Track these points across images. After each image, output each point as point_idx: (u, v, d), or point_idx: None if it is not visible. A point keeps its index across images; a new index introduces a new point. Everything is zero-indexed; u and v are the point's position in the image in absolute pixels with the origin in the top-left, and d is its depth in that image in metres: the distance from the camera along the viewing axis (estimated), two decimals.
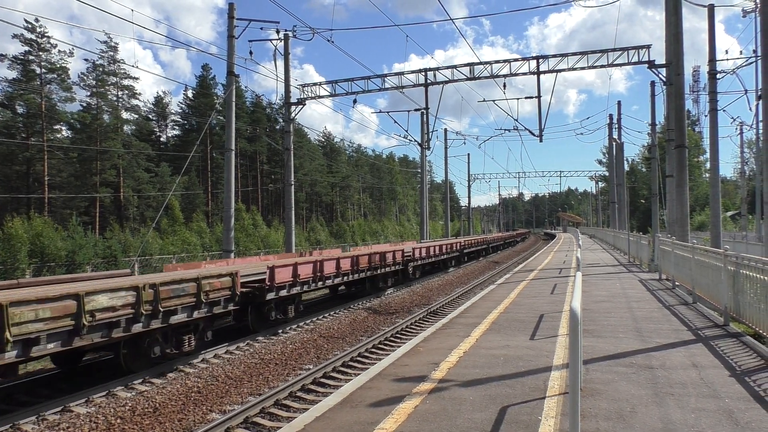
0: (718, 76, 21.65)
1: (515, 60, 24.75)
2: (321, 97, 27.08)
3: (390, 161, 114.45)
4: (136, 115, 61.31)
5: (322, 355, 12.60)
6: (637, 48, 22.71)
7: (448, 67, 25.73)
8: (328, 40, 24.17)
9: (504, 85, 25.41)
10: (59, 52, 48.26)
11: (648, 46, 22.37)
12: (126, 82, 56.56)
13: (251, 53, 23.51)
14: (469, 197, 79.79)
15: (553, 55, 24.12)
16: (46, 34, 47.13)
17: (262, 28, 23.40)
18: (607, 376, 6.79)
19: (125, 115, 58.23)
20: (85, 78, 53.40)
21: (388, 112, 61.32)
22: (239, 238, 46.94)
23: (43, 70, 48.08)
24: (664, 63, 20.75)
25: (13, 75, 47.76)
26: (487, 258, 47.12)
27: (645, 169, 70.29)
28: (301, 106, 26.53)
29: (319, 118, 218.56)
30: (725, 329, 9.40)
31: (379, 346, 13.36)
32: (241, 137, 61.91)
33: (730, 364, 7.18)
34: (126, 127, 58.65)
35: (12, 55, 47.45)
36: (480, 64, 25.04)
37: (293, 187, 25.63)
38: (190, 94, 67.42)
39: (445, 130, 62.95)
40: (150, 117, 67.57)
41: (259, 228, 55.52)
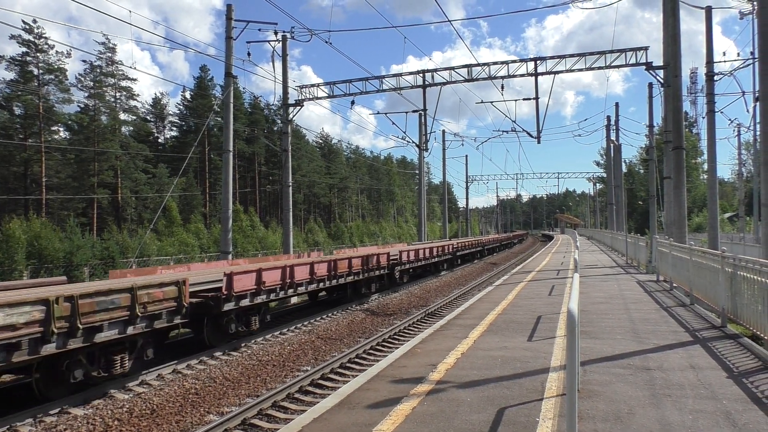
0: (716, 78, 21.70)
1: (513, 61, 24.75)
2: (319, 98, 27.06)
3: (388, 162, 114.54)
4: (134, 117, 61.28)
5: (320, 357, 12.60)
6: (634, 50, 22.72)
7: (446, 69, 25.74)
8: (326, 42, 24.21)
9: (502, 87, 25.39)
10: (57, 53, 48.26)
11: (646, 48, 22.39)
12: (124, 84, 56.60)
13: (249, 54, 23.53)
14: (467, 198, 79.71)
15: (551, 57, 24.12)
16: (43, 35, 47.10)
17: (260, 30, 23.34)
18: (605, 377, 6.79)
19: (123, 116, 58.20)
20: (82, 79, 53.40)
21: (386, 114, 60.53)
22: (237, 240, 46.92)
23: (41, 71, 48.01)
24: (662, 65, 20.77)
25: (10, 76, 47.72)
26: (483, 260, 45.75)
27: (643, 171, 70.40)
28: (298, 108, 26.51)
29: (317, 119, 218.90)
30: (723, 331, 9.41)
31: (377, 347, 13.36)
32: (239, 138, 61.90)
33: (727, 366, 7.19)
34: (124, 129, 58.60)
35: (9, 56, 47.43)
36: (478, 65, 25.05)
37: (291, 188, 25.62)
38: (188, 95, 67.43)
39: (443, 132, 62.96)
40: (148, 118, 67.55)
41: (256, 229, 55.50)
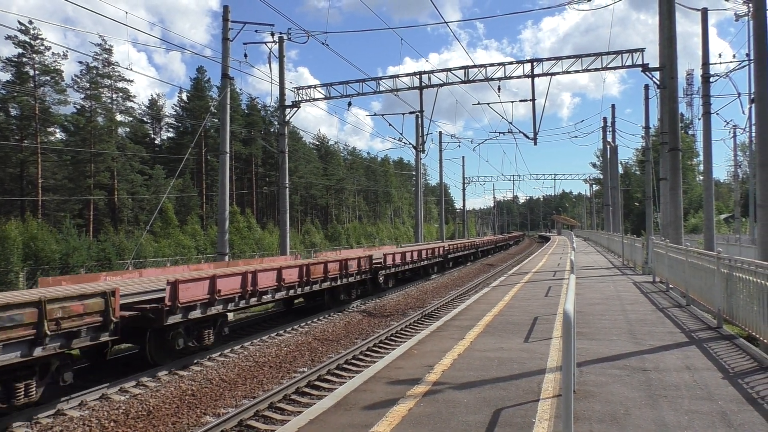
0: (712, 80, 21.81)
1: (510, 63, 24.77)
2: (316, 99, 27.06)
3: (385, 164, 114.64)
4: (131, 118, 61.20)
5: (317, 358, 12.59)
6: (631, 51, 22.78)
7: (442, 70, 25.78)
8: (323, 43, 24.17)
9: (498, 88, 25.47)
10: (53, 54, 48.19)
11: (642, 50, 22.44)
12: (120, 85, 56.55)
13: (246, 56, 23.40)
14: (464, 200, 79.81)
15: (548, 59, 24.18)
16: (39, 36, 47.02)
17: (256, 31, 23.29)
18: (601, 378, 6.80)
19: (119, 117, 58.13)
20: (79, 80, 53.33)
21: (383, 115, 60.82)
22: (234, 241, 46.94)
23: (37, 72, 47.93)
24: (658, 66, 20.82)
25: (6, 77, 47.72)
26: (477, 263, 44.00)
27: (639, 172, 70.55)
28: (295, 109, 26.51)
29: (313, 120, 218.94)
30: (718, 331, 9.44)
31: (374, 348, 13.36)
32: (236, 140, 61.91)
33: (723, 367, 7.21)
34: (120, 130, 58.52)
35: (5, 57, 47.36)
36: (474, 67, 25.09)
37: (288, 189, 25.60)
38: (184, 96, 67.38)
39: (440, 133, 62.97)
40: (144, 119, 67.46)
41: (253, 230, 55.50)
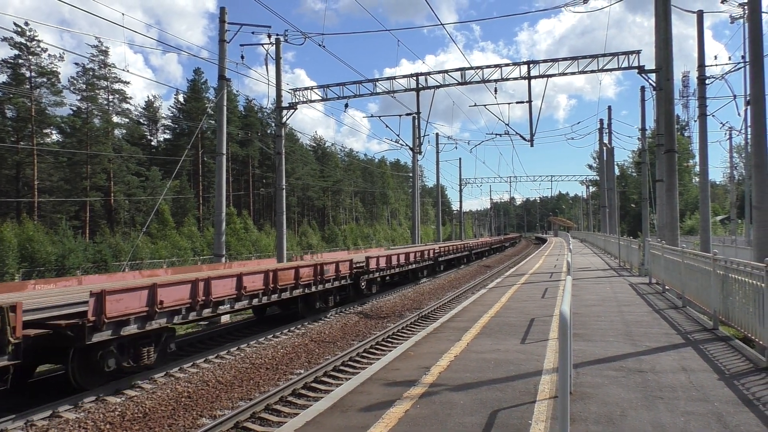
0: (707, 82, 21.88)
1: (506, 65, 24.80)
2: (312, 101, 27.06)
3: (382, 165, 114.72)
4: (127, 119, 61.16)
5: (314, 360, 12.58)
6: (627, 53, 22.83)
7: (439, 72, 25.79)
8: (320, 45, 24.19)
9: (495, 90, 25.48)
10: (49, 56, 48.14)
11: (638, 52, 22.50)
12: (116, 86, 56.56)
13: (243, 57, 23.53)
14: (461, 201, 79.96)
15: (544, 60, 24.22)
16: (36, 38, 46.96)
17: (253, 33, 23.30)
18: (598, 379, 6.81)
19: (116, 119, 58.10)
20: (75, 82, 53.27)
21: (379, 117, 60.48)
22: (230, 243, 46.92)
23: (33, 74, 47.90)
24: (654, 68, 20.88)
25: (2, 78, 47.59)
26: (472, 265, 42.39)
27: (635, 174, 70.75)
28: (292, 111, 26.51)
29: (310, 122, 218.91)
30: (714, 333, 9.45)
31: (371, 350, 13.35)
32: (233, 141, 61.88)
33: (719, 368, 7.22)
34: (116, 131, 58.49)
35: (1, 58, 47.33)
36: (471, 68, 25.11)
37: (285, 191, 25.59)
38: (181, 98, 67.40)
39: (437, 135, 63.18)
40: (141, 121, 67.39)
41: (250, 232, 55.52)
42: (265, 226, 64.43)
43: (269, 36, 24.06)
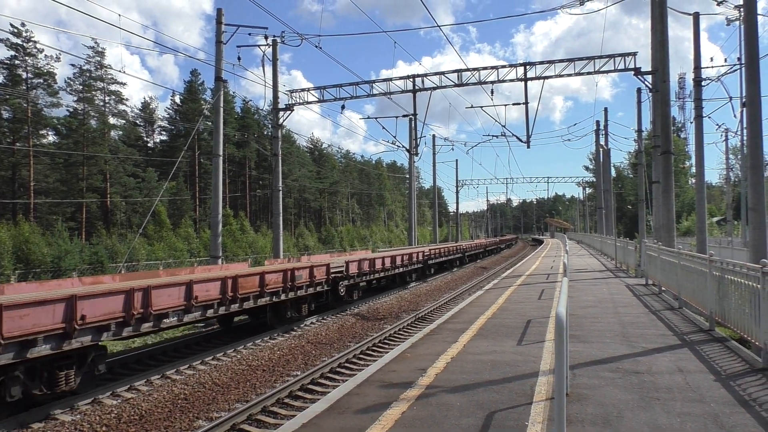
0: (703, 84, 21.92)
1: (503, 66, 24.82)
2: (309, 102, 27.06)
3: (378, 167, 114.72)
4: (123, 121, 61.04)
5: (310, 362, 12.57)
6: (623, 55, 22.88)
7: (435, 74, 25.81)
8: (316, 46, 24.19)
9: (492, 92, 25.53)
10: (46, 56, 48.04)
11: (634, 54, 22.55)
12: (113, 88, 56.42)
13: (239, 59, 23.48)
14: (457, 203, 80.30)
15: (540, 62, 24.25)
16: (32, 39, 46.86)
17: (250, 34, 23.26)
18: (594, 381, 6.81)
19: (112, 120, 57.99)
20: (71, 83, 53.15)
21: (376, 118, 60.54)
22: (227, 244, 46.86)
23: (30, 75, 47.77)
24: (650, 70, 20.93)
25: None
26: (467, 267, 41.34)
27: (632, 175, 70.88)
28: (289, 112, 26.50)
29: (307, 124, 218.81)
30: (711, 334, 9.47)
31: (367, 352, 13.35)
32: (230, 143, 61.80)
33: (715, 369, 7.23)
34: (113, 133, 58.39)
35: None
36: (468, 70, 25.14)
37: (281, 192, 25.57)
38: (177, 99, 67.28)
39: (433, 136, 63.23)
40: (137, 122, 67.27)
41: (246, 233, 55.46)
42: (262, 228, 64.33)
43: (266, 37, 24.06)
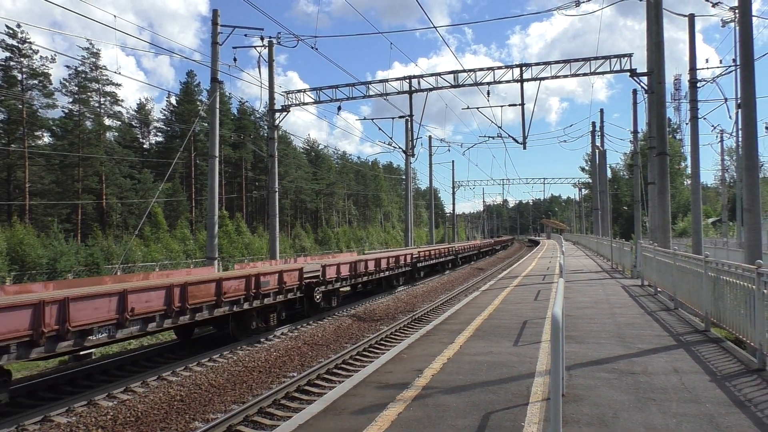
0: (699, 85, 21.94)
1: (499, 68, 24.88)
2: (305, 104, 27.05)
3: (375, 168, 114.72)
4: (119, 122, 60.93)
5: (306, 363, 12.56)
6: (619, 56, 22.95)
7: (432, 75, 25.85)
8: (313, 47, 24.16)
9: (488, 93, 25.57)
10: (41, 58, 47.93)
11: (630, 55, 22.62)
12: (108, 89, 56.32)
13: (235, 60, 23.35)
14: (454, 204, 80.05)
15: (537, 63, 24.30)
16: (27, 40, 46.76)
17: (246, 35, 23.23)
18: (590, 381, 6.82)
19: (107, 121, 57.86)
20: (67, 84, 53.04)
21: (372, 119, 60.80)
22: (223, 245, 46.84)
23: (25, 76, 47.65)
24: (646, 72, 20.99)
25: None
26: (462, 268, 40.05)
27: (627, 176, 70.99)
28: (285, 113, 26.50)
29: (303, 125, 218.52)
30: (706, 335, 9.49)
31: (364, 353, 13.35)
32: (226, 144, 61.76)
33: (710, 370, 7.25)
34: (108, 134, 58.25)
35: None
36: (464, 71, 25.17)
37: (277, 193, 25.55)
38: (173, 100, 67.21)
39: (430, 138, 63.21)
40: (133, 123, 67.16)
41: (243, 235, 55.42)
42: (258, 229, 64.30)
43: (262, 38, 24.04)
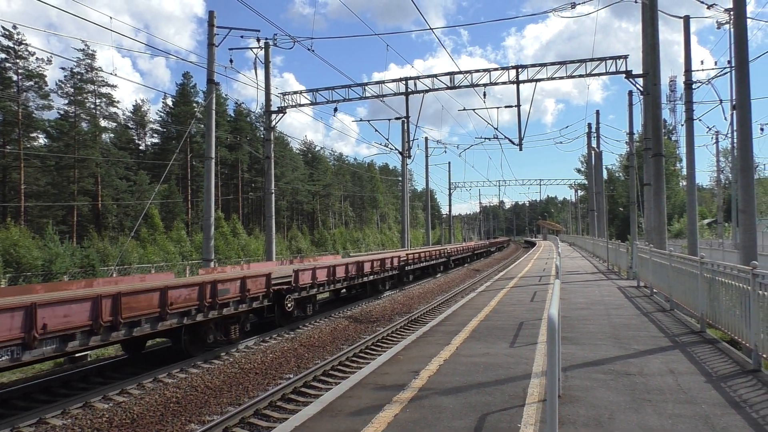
0: (694, 86, 22.02)
1: (495, 69, 24.94)
2: (302, 105, 27.06)
3: (371, 169, 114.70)
4: (115, 123, 60.79)
5: (303, 365, 12.54)
6: (614, 58, 23.00)
7: (428, 76, 25.87)
8: (309, 49, 24.17)
9: (484, 94, 25.60)
10: (37, 59, 47.80)
11: (625, 57, 22.67)
12: (104, 90, 56.16)
13: (231, 61, 23.39)
14: (450, 205, 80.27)
15: (532, 65, 24.34)
16: (23, 42, 46.63)
17: (242, 37, 23.25)
18: (586, 382, 6.83)
19: (103, 123, 57.72)
20: (62, 86, 52.88)
21: (368, 121, 61.07)
22: (219, 247, 46.77)
23: (20, 78, 47.51)
24: (641, 73, 21.04)
25: None
26: (448, 274, 37.26)
27: (623, 178, 71.12)
28: (281, 115, 26.49)
29: (299, 126, 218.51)
30: (702, 336, 9.51)
31: (360, 354, 13.34)
32: (222, 145, 61.64)
33: (706, 371, 7.27)
34: (104, 136, 58.11)
35: None
36: (460, 73, 25.19)
37: (273, 195, 25.53)
38: (169, 102, 67.09)
39: (426, 139, 63.32)
40: (129, 125, 67.02)
41: (239, 236, 55.34)
42: (255, 231, 64.24)
43: (258, 40, 24.06)
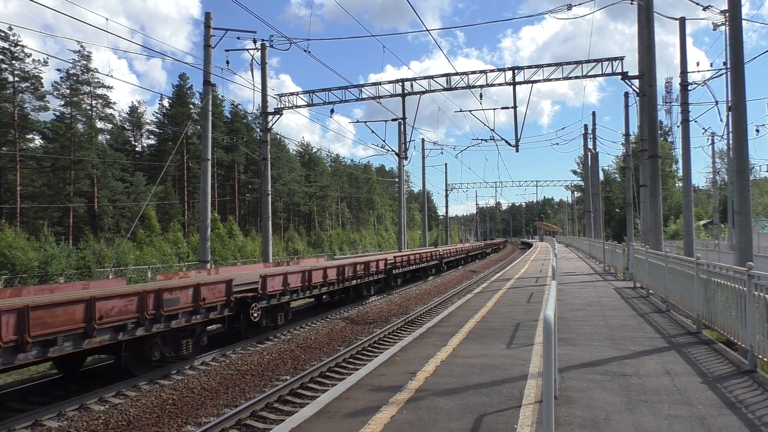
0: (690, 88, 22.07)
1: (491, 71, 24.99)
2: (298, 106, 27.06)
3: (368, 171, 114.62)
4: (111, 125, 60.67)
5: (300, 366, 12.52)
6: (610, 59, 23.07)
7: (424, 78, 25.91)
8: (305, 50, 24.23)
9: (480, 96, 25.66)
10: (33, 60, 47.68)
11: (621, 58, 22.74)
12: (100, 91, 56.03)
13: (228, 63, 23.41)
14: (447, 206, 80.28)
15: (529, 66, 24.40)
16: (19, 43, 46.51)
17: (238, 38, 23.24)
18: (582, 383, 6.84)
19: (99, 124, 57.59)
20: (58, 87, 52.76)
21: (365, 122, 60.79)
22: (215, 248, 46.73)
23: (16, 79, 47.39)
24: (637, 75, 21.11)
25: None
26: (441, 276, 36.08)
27: (620, 179, 71.24)
28: (278, 116, 26.48)
29: (296, 128, 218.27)
30: (698, 336, 9.53)
31: (357, 355, 13.33)
32: (218, 147, 61.55)
33: (702, 371, 7.28)
34: (100, 137, 57.99)
35: None
36: (456, 74, 25.23)
37: (270, 196, 25.51)
38: (166, 103, 66.96)
39: (422, 140, 63.15)
40: (125, 126, 66.91)
41: (236, 238, 55.29)
42: (251, 232, 64.15)
43: (254, 41, 24.06)
